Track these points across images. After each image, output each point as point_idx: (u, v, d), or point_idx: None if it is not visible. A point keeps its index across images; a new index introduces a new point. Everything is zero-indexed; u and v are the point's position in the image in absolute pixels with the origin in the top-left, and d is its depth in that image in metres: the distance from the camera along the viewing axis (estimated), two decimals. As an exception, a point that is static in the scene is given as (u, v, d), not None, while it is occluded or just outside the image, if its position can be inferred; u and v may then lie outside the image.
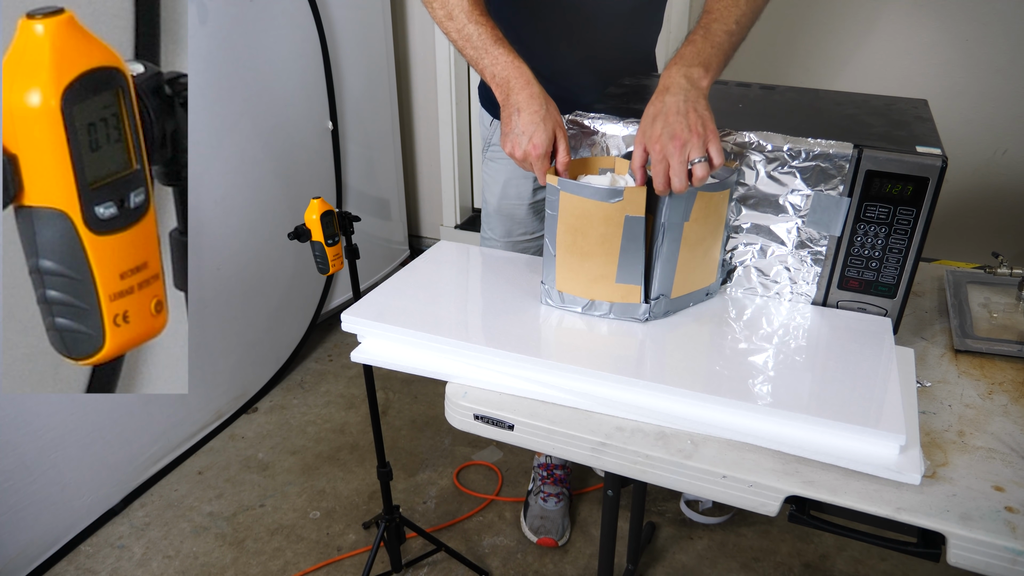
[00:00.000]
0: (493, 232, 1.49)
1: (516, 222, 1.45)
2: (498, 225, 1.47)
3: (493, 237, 1.50)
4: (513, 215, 1.44)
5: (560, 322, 0.99)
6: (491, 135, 1.44)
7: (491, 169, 1.46)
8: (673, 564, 1.63)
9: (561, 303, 1.01)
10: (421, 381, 2.18)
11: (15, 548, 1.53)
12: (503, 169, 1.43)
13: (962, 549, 0.70)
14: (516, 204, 1.44)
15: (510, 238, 1.47)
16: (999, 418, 0.87)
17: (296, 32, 2.03)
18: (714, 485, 0.79)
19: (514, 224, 1.45)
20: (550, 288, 1.01)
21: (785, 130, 0.96)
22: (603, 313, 0.99)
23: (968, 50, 2.11)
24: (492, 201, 1.47)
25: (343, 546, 1.68)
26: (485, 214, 1.51)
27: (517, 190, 1.43)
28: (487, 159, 1.47)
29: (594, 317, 0.99)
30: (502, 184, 1.43)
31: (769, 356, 0.91)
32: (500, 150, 1.43)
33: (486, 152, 1.47)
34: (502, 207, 1.45)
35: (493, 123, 1.43)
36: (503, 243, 1.48)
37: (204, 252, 1.86)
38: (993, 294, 1.14)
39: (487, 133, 1.45)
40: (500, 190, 1.44)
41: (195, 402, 1.93)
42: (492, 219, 1.48)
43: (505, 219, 1.45)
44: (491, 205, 1.47)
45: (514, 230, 1.46)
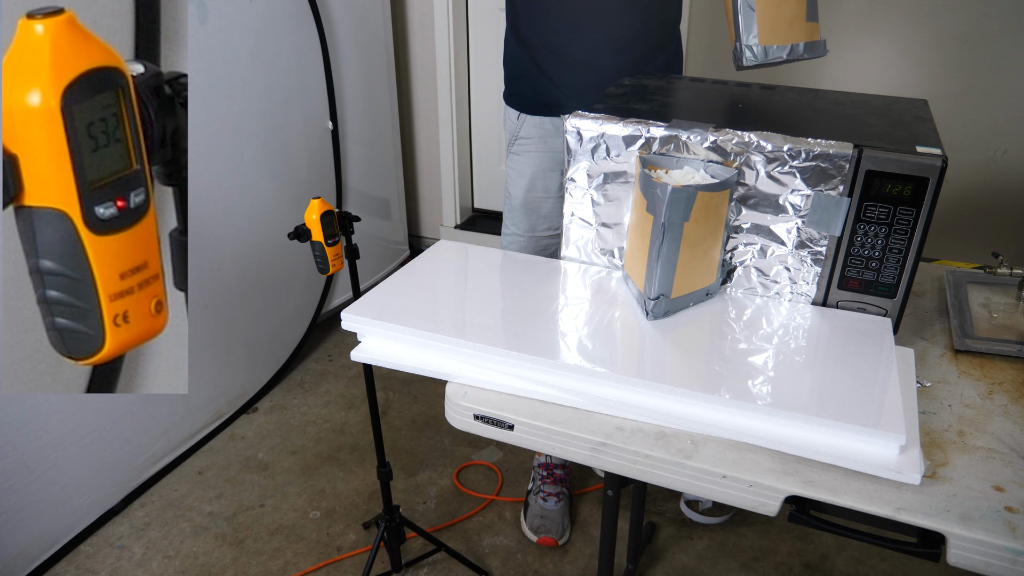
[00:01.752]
0: (517, 227, 1.48)
1: (541, 216, 1.45)
2: (522, 220, 1.46)
3: (516, 232, 1.48)
4: (539, 209, 1.44)
5: (561, 322, 0.99)
6: (519, 129, 1.44)
7: (517, 163, 1.45)
8: (673, 564, 1.63)
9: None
10: (421, 381, 2.18)
11: (15, 548, 1.53)
12: (530, 162, 1.42)
13: (962, 549, 0.70)
14: (543, 197, 1.43)
15: (534, 233, 1.47)
16: (999, 418, 0.87)
17: (296, 32, 2.03)
18: (714, 485, 0.79)
19: (539, 219, 1.45)
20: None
21: (785, 130, 0.96)
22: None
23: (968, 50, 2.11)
24: (518, 195, 1.46)
25: (343, 546, 1.68)
26: (509, 208, 1.50)
27: (544, 183, 1.42)
28: (512, 153, 1.46)
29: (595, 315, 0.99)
30: (529, 178, 1.43)
31: (769, 356, 0.91)
32: (527, 143, 1.42)
33: (512, 147, 1.46)
34: (528, 201, 1.44)
35: (520, 117, 1.43)
36: (526, 238, 1.47)
37: (204, 252, 1.86)
38: (993, 294, 1.14)
39: (513, 128, 1.45)
40: (527, 183, 1.43)
41: (195, 402, 1.93)
42: (516, 214, 1.47)
43: (530, 213, 1.45)
44: (516, 199, 1.46)
45: (538, 225, 1.46)
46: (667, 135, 1.01)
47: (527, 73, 1.38)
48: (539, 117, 1.40)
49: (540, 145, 1.41)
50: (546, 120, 1.40)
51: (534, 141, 1.41)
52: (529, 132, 1.42)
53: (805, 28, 1.11)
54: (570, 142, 1.06)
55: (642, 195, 0.99)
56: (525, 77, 1.39)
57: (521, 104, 1.42)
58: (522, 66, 1.39)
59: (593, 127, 1.04)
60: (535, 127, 1.41)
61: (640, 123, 1.01)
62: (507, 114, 1.47)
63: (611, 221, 1.09)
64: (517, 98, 1.43)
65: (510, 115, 1.46)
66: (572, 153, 1.07)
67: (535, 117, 1.41)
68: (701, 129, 0.99)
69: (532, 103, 1.40)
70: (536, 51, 1.05)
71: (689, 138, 1.00)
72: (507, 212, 1.50)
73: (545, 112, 1.39)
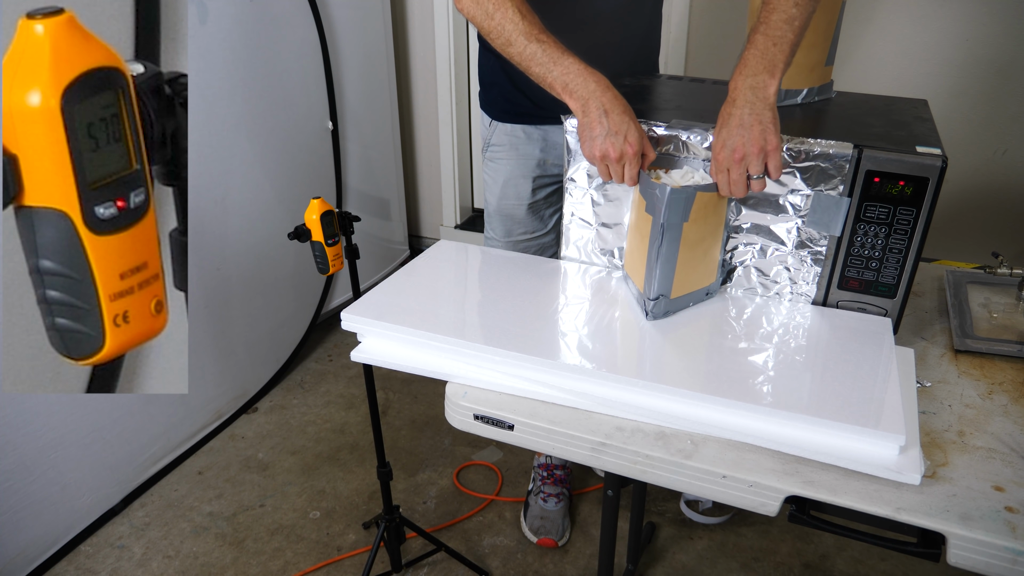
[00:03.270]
0: (495, 232, 1.49)
1: (516, 222, 1.45)
2: (499, 225, 1.47)
3: (495, 237, 1.50)
4: (513, 215, 1.45)
5: (561, 322, 0.99)
6: (490, 135, 1.44)
7: (490, 169, 1.46)
8: (673, 564, 1.63)
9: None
10: (421, 381, 2.18)
11: (15, 548, 1.53)
12: (502, 169, 1.43)
13: (962, 549, 0.70)
14: (515, 204, 1.44)
15: (510, 238, 1.47)
16: (999, 418, 0.87)
17: (296, 32, 2.03)
18: (714, 485, 0.79)
19: (514, 224, 1.46)
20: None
21: (785, 130, 0.96)
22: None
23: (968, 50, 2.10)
24: (492, 201, 1.47)
25: (343, 546, 1.68)
26: (487, 214, 1.51)
27: (516, 190, 1.43)
28: (486, 159, 1.47)
29: (595, 315, 0.99)
30: (501, 184, 1.44)
31: (769, 356, 0.91)
32: (499, 150, 1.43)
33: (485, 152, 1.47)
34: (502, 207, 1.45)
35: (492, 124, 1.43)
36: (504, 243, 1.48)
37: (204, 252, 1.86)
38: (993, 294, 1.14)
39: (486, 134, 1.46)
40: (499, 190, 1.44)
41: (195, 402, 1.93)
42: (493, 219, 1.49)
43: (505, 219, 1.46)
44: (491, 205, 1.48)
45: (514, 230, 1.46)
46: (667, 135, 1.01)
47: (497, 81, 1.39)
48: (510, 125, 1.41)
49: (511, 152, 1.42)
50: (517, 127, 1.40)
51: (505, 148, 1.42)
52: (500, 139, 1.42)
53: (822, 73, 1.13)
54: (570, 142, 1.06)
55: (641, 196, 0.99)
56: (496, 85, 1.40)
57: (493, 111, 1.43)
58: (492, 74, 1.40)
59: (593, 127, 1.04)
60: (506, 134, 1.41)
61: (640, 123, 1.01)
62: (482, 119, 1.48)
63: (611, 221, 1.09)
64: (489, 105, 1.44)
65: (484, 121, 1.47)
66: (572, 153, 1.07)
67: (506, 124, 1.41)
68: (701, 129, 0.99)
69: (503, 111, 1.41)
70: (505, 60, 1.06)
71: (689, 138, 1.00)
72: (486, 218, 1.52)
73: (515, 120, 1.40)
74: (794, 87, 1.11)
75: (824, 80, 1.15)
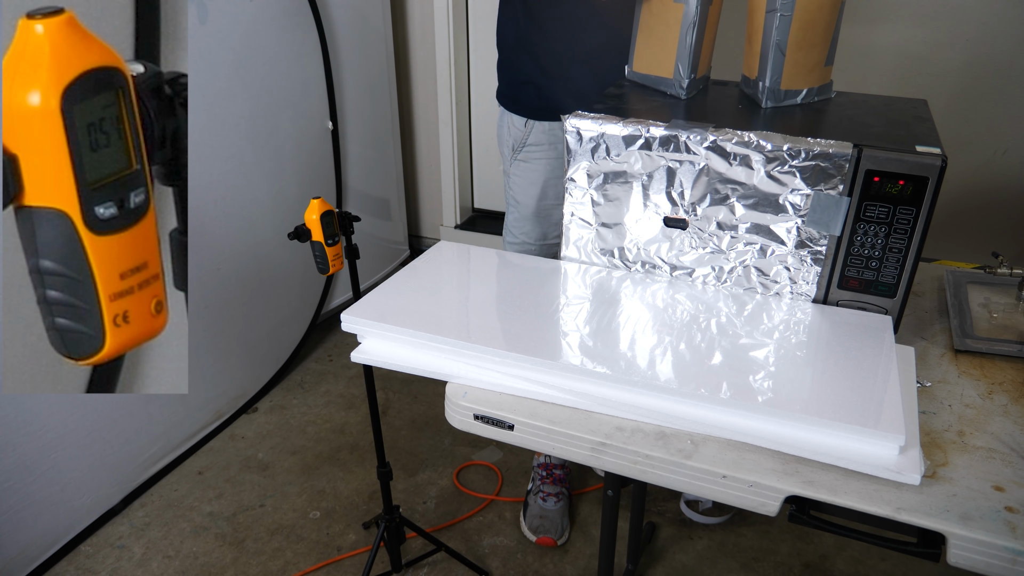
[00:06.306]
0: (527, 236, 1.45)
1: (552, 224, 1.41)
2: (533, 228, 1.42)
3: (527, 241, 1.45)
4: (551, 216, 1.41)
5: (561, 322, 0.99)
6: (526, 136, 1.41)
7: (525, 170, 1.42)
8: (673, 564, 1.63)
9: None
10: (421, 381, 2.18)
11: (15, 548, 1.54)
12: (542, 169, 1.39)
13: (962, 549, 0.70)
14: (555, 205, 1.40)
15: (545, 241, 1.43)
16: (999, 418, 0.87)
17: (296, 32, 2.03)
18: (714, 485, 0.79)
19: (550, 226, 1.42)
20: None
21: (785, 130, 0.96)
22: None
23: (968, 50, 2.10)
24: (529, 203, 1.43)
25: (343, 546, 1.68)
26: (518, 217, 1.46)
27: (556, 190, 1.38)
28: (519, 160, 1.43)
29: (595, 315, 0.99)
30: (540, 185, 1.39)
31: (769, 355, 0.91)
32: (537, 150, 1.39)
33: (519, 153, 1.43)
34: (540, 209, 1.40)
35: (528, 124, 1.40)
36: (537, 247, 1.44)
37: (204, 252, 1.86)
38: (993, 294, 1.14)
39: (518, 135, 1.42)
40: (539, 191, 1.40)
41: (195, 402, 1.93)
42: (527, 223, 1.44)
43: (542, 221, 1.41)
44: (527, 208, 1.43)
45: (550, 232, 1.42)
46: (667, 135, 1.01)
47: (532, 79, 1.37)
48: (548, 123, 1.38)
49: (551, 151, 1.38)
50: (555, 125, 1.38)
51: (544, 148, 1.39)
52: (538, 139, 1.39)
53: (822, 73, 1.13)
54: (570, 142, 1.06)
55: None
56: (530, 83, 1.37)
57: (527, 111, 1.40)
58: (526, 72, 1.38)
59: (593, 127, 1.04)
60: (544, 133, 1.38)
61: (640, 123, 1.01)
62: (509, 120, 1.44)
63: (611, 221, 1.09)
64: (522, 105, 1.41)
65: (514, 121, 1.43)
66: (572, 153, 1.07)
67: (544, 123, 1.38)
68: (701, 129, 0.99)
69: (538, 109, 1.38)
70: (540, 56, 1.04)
71: (689, 138, 1.00)
72: (515, 221, 1.47)
73: (554, 117, 1.37)
74: (794, 87, 1.11)
75: (824, 80, 1.15)
